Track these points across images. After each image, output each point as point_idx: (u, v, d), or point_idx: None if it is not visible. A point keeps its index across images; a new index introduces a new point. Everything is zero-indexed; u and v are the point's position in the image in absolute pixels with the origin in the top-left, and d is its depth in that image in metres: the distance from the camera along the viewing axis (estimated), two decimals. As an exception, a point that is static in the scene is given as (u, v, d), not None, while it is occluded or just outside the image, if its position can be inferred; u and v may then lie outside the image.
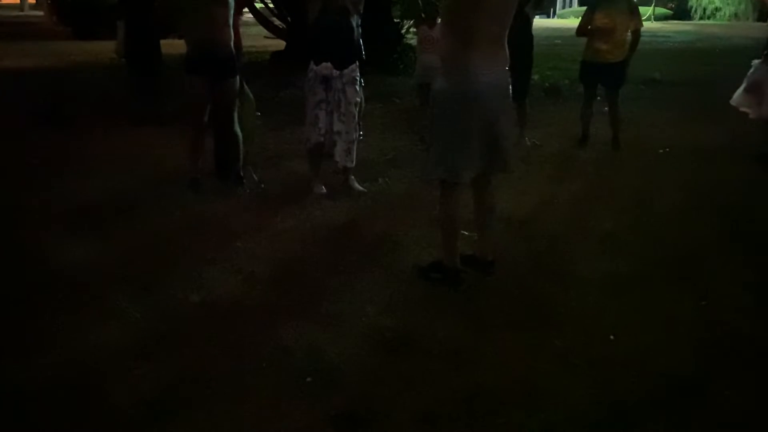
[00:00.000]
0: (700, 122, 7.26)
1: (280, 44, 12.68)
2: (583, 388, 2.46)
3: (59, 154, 5.67)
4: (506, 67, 3.10)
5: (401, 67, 11.03)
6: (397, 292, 3.21)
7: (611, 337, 2.82)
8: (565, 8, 43.32)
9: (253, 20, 13.18)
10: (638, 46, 6.00)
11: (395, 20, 11.83)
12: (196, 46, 4.43)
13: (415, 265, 3.45)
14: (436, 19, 5.85)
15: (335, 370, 2.56)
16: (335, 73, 4.40)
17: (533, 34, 5.94)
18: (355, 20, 4.44)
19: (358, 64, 4.52)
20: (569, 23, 25.27)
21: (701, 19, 35.78)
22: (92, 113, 7.14)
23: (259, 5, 13.71)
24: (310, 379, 2.49)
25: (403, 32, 11.88)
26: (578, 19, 6.33)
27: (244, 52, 5.83)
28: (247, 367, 2.57)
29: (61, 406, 2.34)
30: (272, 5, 13.58)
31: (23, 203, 4.42)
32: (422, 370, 2.57)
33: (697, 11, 36.99)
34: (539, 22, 16.86)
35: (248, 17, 12.30)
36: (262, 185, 4.87)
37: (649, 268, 3.52)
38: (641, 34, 6.01)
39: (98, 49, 12.93)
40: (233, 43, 4.55)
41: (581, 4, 38.04)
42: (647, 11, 29.31)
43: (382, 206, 4.49)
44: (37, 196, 4.57)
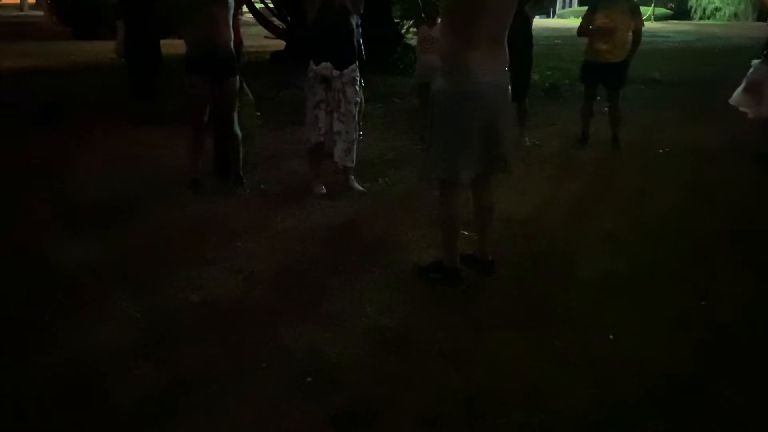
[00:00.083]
0: (700, 122, 7.27)
1: (280, 44, 12.68)
2: (583, 388, 2.46)
3: (59, 154, 5.67)
4: (506, 67, 3.10)
5: (401, 67, 11.03)
6: (397, 292, 3.21)
7: (611, 337, 2.82)
8: (565, 8, 43.34)
9: (253, 20, 13.18)
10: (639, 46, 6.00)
11: (395, 20, 11.83)
12: (196, 46, 4.43)
13: (415, 265, 3.45)
14: (436, 19, 5.85)
15: (335, 370, 2.56)
16: (335, 73, 4.40)
17: (533, 34, 5.95)
18: (354, 20, 4.45)
19: (357, 64, 4.52)
20: (569, 23, 25.30)
21: (701, 19, 35.81)
22: (92, 113, 7.14)
23: (259, 5, 13.71)
24: (310, 379, 2.49)
25: (403, 32, 11.88)
26: (578, 19, 6.34)
27: (244, 52, 5.83)
28: (247, 367, 2.57)
29: (61, 406, 2.34)
30: (272, 5, 13.58)
31: (23, 203, 4.43)
32: (422, 370, 2.57)
33: (696, 11, 37.02)
34: (539, 22, 16.85)
35: (248, 17, 12.32)
36: (262, 185, 4.87)
37: (649, 268, 3.52)
38: (642, 34, 6.02)
39: (98, 49, 12.94)
40: (233, 42, 4.56)
41: (581, 4, 38.06)
42: (647, 11, 29.30)
43: (382, 206, 4.49)
44: (37, 196, 4.57)
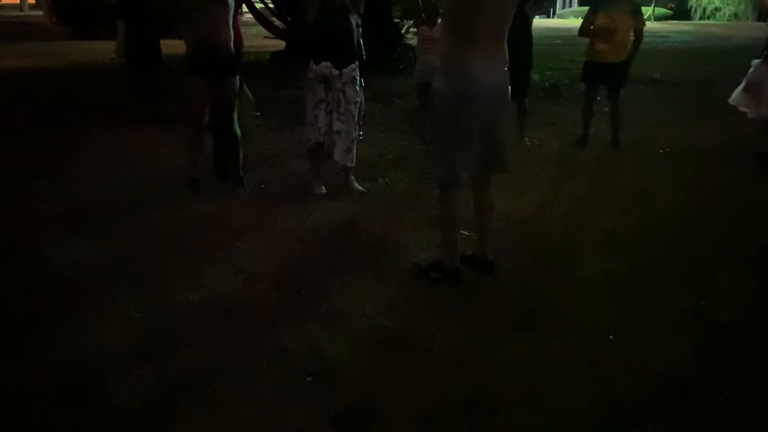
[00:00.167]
0: (700, 122, 7.26)
1: (280, 44, 12.68)
2: (583, 388, 2.46)
3: (59, 154, 5.66)
4: (506, 67, 3.09)
5: (401, 67, 11.03)
6: (397, 292, 3.21)
7: (611, 337, 2.82)
8: (565, 8, 43.39)
9: (253, 20, 13.17)
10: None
11: (395, 20, 11.83)
12: (196, 46, 4.43)
13: (415, 265, 3.45)
14: (436, 19, 5.85)
15: (335, 370, 2.56)
16: (335, 72, 4.40)
17: (533, 34, 5.95)
18: (354, 20, 4.45)
19: (357, 63, 4.52)
20: (569, 23, 25.30)
21: (701, 19, 35.84)
22: (92, 113, 7.14)
23: (259, 5, 13.71)
24: (310, 379, 2.50)
25: (403, 32, 11.88)
26: (578, 19, 6.36)
27: (244, 52, 5.82)
28: (247, 367, 2.57)
29: (61, 406, 2.34)
30: (272, 5, 13.58)
31: (23, 203, 4.43)
32: (422, 370, 2.57)
33: (696, 11, 37.05)
34: (539, 22, 16.87)
35: (248, 17, 12.30)
36: (262, 185, 4.87)
37: (649, 268, 3.52)
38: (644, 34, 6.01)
39: (98, 49, 12.93)
40: (233, 42, 4.56)
41: (581, 4, 38.10)
42: (647, 11, 29.32)
43: (382, 206, 4.49)
44: (37, 196, 4.57)
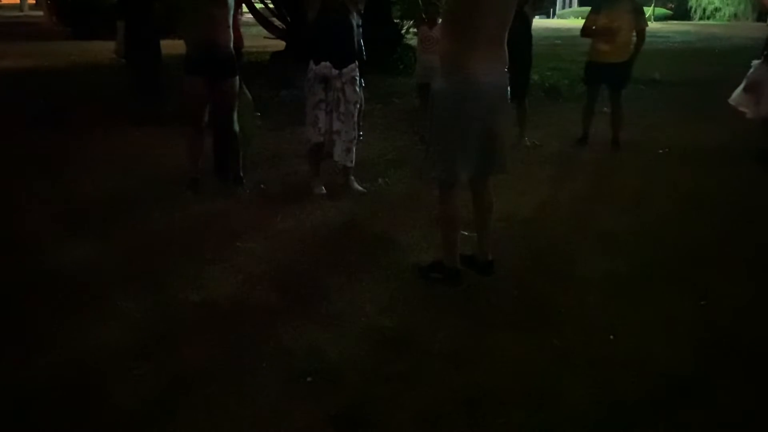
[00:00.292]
0: (700, 122, 7.26)
1: (280, 44, 12.67)
2: (583, 388, 2.46)
3: (59, 154, 5.67)
4: (506, 67, 3.10)
5: (401, 67, 11.03)
6: (397, 292, 3.21)
7: (611, 337, 2.82)
8: (564, 8, 43.38)
9: (253, 20, 13.17)
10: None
11: (395, 20, 11.83)
12: (195, 46, 4.43)
13: (415, 265, 3.45)
14: (436, 19, 5.85)
15: (335, 370, 2.56)
16: (334, 72, 4.39)
17: (533, 34, 5.95)
18: (355, 20, 4.44)
19: (357, 64, 4.52)
20: (569, 23, 25.28)
21: (701, 19, 35.83)
22: (92, 113, 7.13)
23: (259, 5, 13.71)
24: (310, 379, 2.50)
25: (403, 32, 11.88)
26: (578, 19, 6.37)
27: (244, 52, 5.82)
28: (247, 367, 2.57)
29: (61, 406, 2.34)
30: (272, 5, 13.58)
31: (23, 203, 4.43)
32: (422, 370, 2.58)
33: (696, 11, 37.04)
34: (539, 22, 16.85)
35: (248, 17, 12.30)
36: (262, 185, 4.87)
37: (649, 268, 3.52)
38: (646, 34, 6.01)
39: (98, 49, 12.93)
40: (234, 42, 4.55)
41: (581, 4, 38.13)
42: (647, 11, 29.29)
43: (382, 206, 4.49)
44: (37, 196, 4.57)
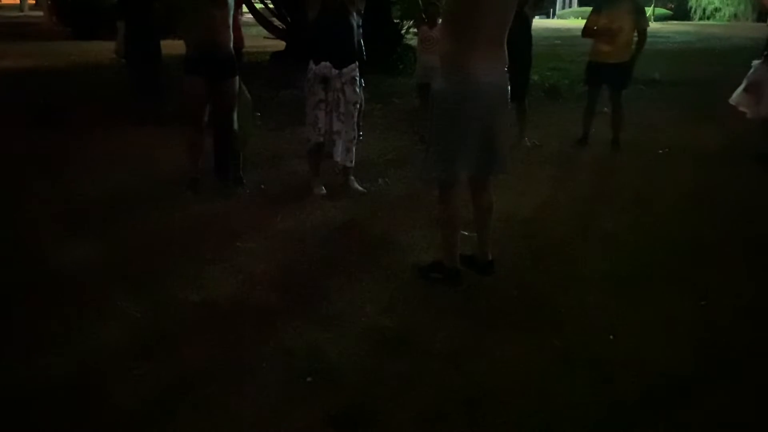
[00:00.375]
0: (700, 122, 7.26)
1: (280, 44, 12.68)
2: (583, 388, 2.46)
3: (59, 154, 5.66)
4: (505, 68, 3.09)
5: (401, 67, 11.03)
6: (397, 292, 3.21)
7: (611, 337, 2.82)
8: (564, 8, 43.39)
9: (253, 20, 13.18)
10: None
11: (395, 20, 11.83)
12: (195, 46, 4.43)
13: (415, 265, 3.45)
14: (436, 19, 5.85)
15: (335, 370, 2.56)
16: (334, 72, 4.39)
17: (533, 34, 5.95)
18: (355, 20, 4.44)
19: (357, 63, 4.52)
20: (569, 23, 25.28)
21: (701, 19, 35.84)
22: (92, 113, 7.13)
23: (259, 5, 13.72)
24: (310, 379, 2.49)
25: (403, 32, 11.88)
26: (578, 19, 6.37)
27: (244, 52, 5.82)
28: (247, 367, 2.57)
29: (61, 406, 2.34)
30: (272, 5, 13.59)
31: (23, 203, 4.43)
32: (422, 370, 2.57)
33: (696, 12, 37.06)
34: (539, 22, 16.86)
35: (248, 17, 12.31)
36: (262, 185, 4.87)
37: (649, 268, 3.52)
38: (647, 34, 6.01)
39: (98, 49, 12.93)
40: (234, 43, 4.55)
41: (581, 4, 38.13)
42: (647, 12, 29.34)
43: (382, 206, 4.49)
44: (37, 196, 4.57)
